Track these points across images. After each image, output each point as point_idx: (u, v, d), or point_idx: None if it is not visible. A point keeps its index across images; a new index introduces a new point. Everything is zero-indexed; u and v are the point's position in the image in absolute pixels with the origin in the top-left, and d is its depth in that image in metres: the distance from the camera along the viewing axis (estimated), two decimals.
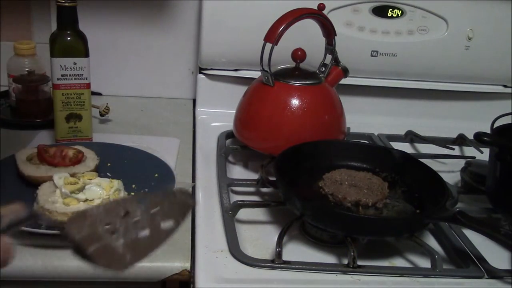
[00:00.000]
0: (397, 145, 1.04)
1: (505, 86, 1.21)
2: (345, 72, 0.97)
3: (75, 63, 0.90)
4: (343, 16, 1.09)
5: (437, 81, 1.19)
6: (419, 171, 0.83)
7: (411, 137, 1.11)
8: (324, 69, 0.96)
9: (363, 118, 1.15)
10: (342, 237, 0.71)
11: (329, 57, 0.96)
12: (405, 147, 1.08)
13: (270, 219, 0.80)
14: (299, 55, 0.93)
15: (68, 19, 0.89)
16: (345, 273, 0.67)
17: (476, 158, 1.00)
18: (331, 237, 0.73)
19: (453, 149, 1.07)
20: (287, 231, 0.70)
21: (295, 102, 0.89)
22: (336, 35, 0.94)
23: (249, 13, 1.08)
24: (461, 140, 1.11)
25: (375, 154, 0.90)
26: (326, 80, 0.95)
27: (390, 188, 0.81)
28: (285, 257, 0.67)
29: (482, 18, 1.13)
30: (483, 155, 1.00)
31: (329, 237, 0.74)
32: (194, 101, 1.19)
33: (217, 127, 1.07)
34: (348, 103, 0.99)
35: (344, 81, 0.98)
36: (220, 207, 0.79)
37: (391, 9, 1.11)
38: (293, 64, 0.94)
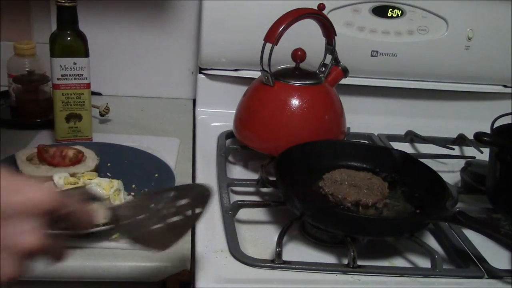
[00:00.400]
0: (397, 145, 1.04)
1: (505, 86, 1.21)
2: (345, 72, 0.97)
3: (75, 63, 0.90)
4: (343, 16, 1.09)
5: (437, 81, 1.19)
6: (419, 171, 0.83)
7: (411, 137, 1.11)
8: (324, 69, 0.96)
9: (363, 118, 1.15)
10: (342, 237, 0.71)
11: (329, 57, 0.96)
12: (405, 147, 1.08)
13: (270, 219, 0.80)
14: (299, 55, 0.93)
15: (68, 19, 0.89)
16: (345, 273, 0.67)
17: (476, 158, 1.00)
18: (331, 237, 0.73)
19: (453, 149, 1.07)
20: (287, 231, 0.70)
21: (295, 102, 0.89)
22: (336, 35, 0.94)
23: (249, 13, 1.08)
24: (461, 140, 1.11)
25: (375, 154, 0.90)
26: (326, 80, 0.95)
27: (390, 188, 0.80)
28: (285, 257, 0.67)
29: (482, 18, 1.13)
30: (483, 155, 1.00)
31: (329, 237, 0.74)
32: (194, 101, 1.19)
33: (217, 127, 1.07)
34: (348, 103, 0.99)
35: (344, 81, 0.98)
36: (220, 207, 0.79)
37: (391, 9, 1.11)
38: (293, 64, 0.94)
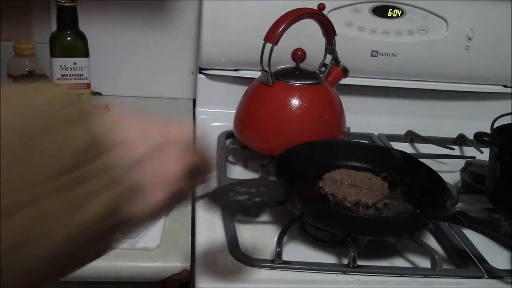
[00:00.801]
0: (397, 145, 1.04)
1: (505, 86, 1.21)
2: (345, 72, 0.97)
3: (75, 63, 0.90)
4: (343, 16, 1.09)
5: (437, 81, 1.19)
6: (419, 171, 0.83)
7: (411, 137, 1.11)
8: (324, 69, 0.96)
9: (363, 118, 1.14)
10: (342, 237, 0.71)
11: (329, 57, 0.96)
12: (405, 147, 1.08)
13: (270, 219, 0.80)
14: (299, 55, 0.93)
15: (68, 19, 0.89)
16: (345, 273, 0.67)
17: (476, 158, 1.00)
18: (331, 237, 0.73)
19: (453, 149, 1.07)
20: (287, 231, 0.70)
21: (295, 102, 0.89)
22: (336, 35, 0.94)
23: (249, 13, 1.08)
24: (461, 140, 1.10)
25: (375, 154, 0.90)
26: (326, 80, 0.95)
27: (390, 188, 0.80)
28: (285, 257, 0.67)
29: (482, 18, 1.13)
30: (483, 155, 1.00)
31: (329, 237, 0.73)
32: (194, 101, 1.19)
33: (217, 127, 1.07)
34: (348, 103, 0.99)
35: (344, 81, 0.98)
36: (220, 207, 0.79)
37: (391, 9, 1.11)
38: (293, 64, 0.94)
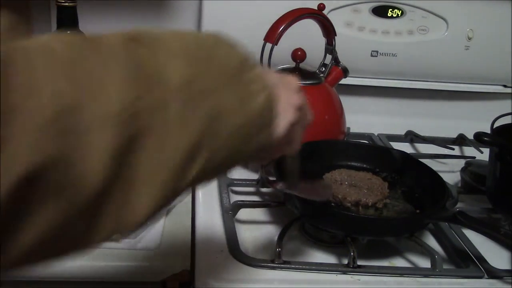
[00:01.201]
0: (397, 145, 1.04)
1: (505, 86, 1.21)
2: (345, 72, 0.97)
3: None
4: (343, 16, 1.09)
5: (437, 81, 1.19)
6: (419, 171, 0.83)
7: (411, 137, 1.11)
8: (324, 69, 0.96)
9: (363, 118, 1.14)
10: (342, 237, 0.71)
11: (329, 57, 0.96)
12: (405, 147, 1.08)
13: (270, 219, 0.80)
14: (299, 55, 0.93)
15: (68, 19, 0.89)
16: (345, 273, 0.67)
17: (476, 158, 1.00)
18: (331, 237, 0.73)
19: (453, 149, 1.07)
20: (287, 231, 0.70)
21: None
22: (336, 35, 0.94)
23: (249, 13, 1.08)
24: (461, 140, 1.11)
25: (375, 154, 0.90)
26: (326, 80, 0.95)
27: (390, 188, 0.80)
28: (285, 257, 0.67)
29: (482, 18, 1.13)
30: (483, 155, 1.00)
31: (329, 237, 0.74)
32: None
33: None
34: (348, 103, 0.99)
35: (344, 81, 0.98)
36: (220, 207, 0.79)
37: (391, 9, 1.11)
38: (293, 64, 0.94)
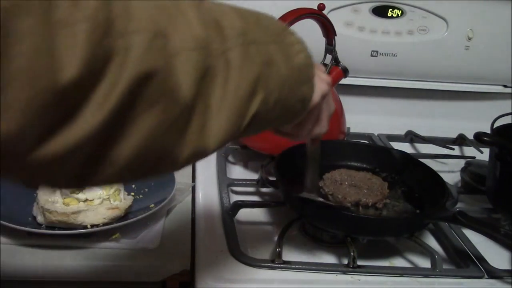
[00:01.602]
0: (397, 145, 1.04)
1: (505, 86, 1.21)
2: (345, 72, 0.97)
3: None
4: (343, 16, 1.09)
5: (437, 81, 1.19)
6: (419, 171, 0.83)
7: (411, 137, 1.11)
8: (324, 69, 0.96)
9: (363, 118, 1.14)
10: (342, 237, 0.71)
11: (329, 57, 0.96)
12: (405, 147, 1.08)
13: (270, 219, 0.80)
14: None
15: None
16: (345, 273, 0.67)
17: (476, 158, 1.00)
18: (331, 237, 0.73)
19: (453, 149, 1.07)
20: (287, 231, 0.70)
21: None
22: (336, 35, 0.94)
23: None
24: (461, 140, 1.11)
25: (375, 154, 0.90)
26: None
27: (390, 188, 0.80)
28: (285, 257, 0.67)
29: (482, 18, 1.13)
30: (483, 155, 1.00)
31: (329, 237, 0.74)
32: None
33: None
34: (348, 103, 0.99)
35: (344, 81, 0.98)
36: (220, 207, 0.79)
37: (391, 9, 1.11)
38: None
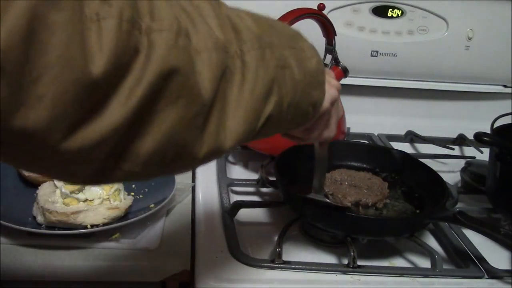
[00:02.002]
0: (397, 145, 1.04)
1: (505, 86, 1.21)
2: (345, 72, 0.97)
3: None
4: (343, 16, 1.09)
5: (437, 81, 1.19)
6: (419, 171, 0.83)
7: (411, 137, 1.11)
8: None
9: (363, 118, 1.14)
10: (342, 237, 0.71)
11: (329, 57, 0.96)
12: (405, 147, 1.08)
13: (270, 219, 0.80)
14: None
15: None
16: (345, 273, 0.67)
17: (476, 158, 1.00)
18: (331, 237, 0.73)
19: (453, 149, 1.07)
20: (287, 231, 0.70)
21: None
22: (336, 35, 0.94)
23: None
24: (461, 140, 1.11)
25: (375, 154, 0.90)
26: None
27: (390, 188, 0.81)
28: (285, 257, 0.67)
29: (482, 18, 1.13)
30: (483, 155, 1.00)
31: (329, 237, 0.73)
32: None
33: None
34: (348, 103, 0.99)
35: (344, 81, 0.98)
36: (220, 207, 0.79)
37: (391, 9, 1.11)
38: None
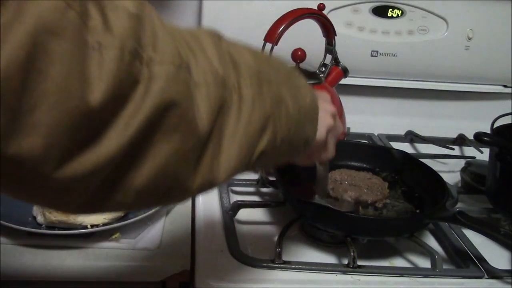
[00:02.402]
0: (397, 145, 1.04)
1: (505, 86, 1.21)
2: (345, 72, 0.97)
3: None
4: (343, 16, 1.09)
5: (437, 81, 1.19)
6: (419, 171, 0.83)
7: (411, 137, 1.11)
8: (324, 69, 0.96)
9: (363, 118, 1.14)
10: (342, 237, 0.71)
11: (329, 57, 0.96)
12: (405, 147, 1.08)
13: (270, 219, 0.80)
14: (299, 55, 0.92)
15: None
16: (345, 273, 0.67)
17: (476, 158, 1.00)
18: (331, 237, 0.73)
19: (453, 149, 1.07)
20: (287, 231, 0.70)
21: None
22: (336, 35, 0.94)
23: (249, 13, 1.08)
24: (461, 140, 1.11)
25: (375, 154, 0.90)
26: (326, 80, 0.95)
27: (390, 188, 0.81)
28: (285, 257, 0.67)
29: (482, 18, 1.13)
30: (483, 155, 1.00)
31: (329, 237, 0.73)
32: None
33: None
34: (348, 103, 0.99)
35: (344, 81, 0.98)
36: (220, 207, 0.79)
37: (391, 9, 1.11)
38: (293, 64, 0.94)
